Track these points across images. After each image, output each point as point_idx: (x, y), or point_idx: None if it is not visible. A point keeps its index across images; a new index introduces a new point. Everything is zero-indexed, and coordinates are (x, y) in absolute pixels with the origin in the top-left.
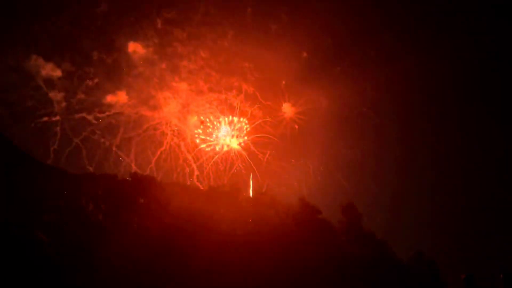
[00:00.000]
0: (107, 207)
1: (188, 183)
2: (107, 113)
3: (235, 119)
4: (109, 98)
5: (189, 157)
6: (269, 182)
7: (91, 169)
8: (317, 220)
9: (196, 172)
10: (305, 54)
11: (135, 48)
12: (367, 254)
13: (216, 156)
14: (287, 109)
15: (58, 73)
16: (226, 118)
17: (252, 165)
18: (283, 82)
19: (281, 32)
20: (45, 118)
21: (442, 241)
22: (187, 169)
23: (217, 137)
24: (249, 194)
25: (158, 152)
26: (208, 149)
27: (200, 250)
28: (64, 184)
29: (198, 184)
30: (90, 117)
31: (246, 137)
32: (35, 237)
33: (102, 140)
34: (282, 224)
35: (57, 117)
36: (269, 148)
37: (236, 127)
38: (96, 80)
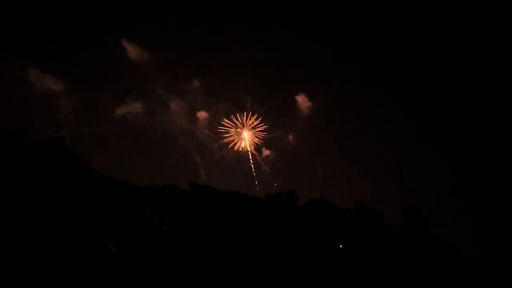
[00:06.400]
0: (171, 218)
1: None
2: (119, 124)
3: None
4: (121, 110)
5: (198, 159)
6: (319, 189)
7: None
8: (380, 226)
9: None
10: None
11: (133, 50)
12: (435, 258)
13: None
14: (304, 104)
15: (59, 85)
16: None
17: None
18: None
19: None
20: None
21: None
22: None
23: (236, 133)
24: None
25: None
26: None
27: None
28: (130, 196)
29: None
30: (100, 130)
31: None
32: (105, 248)
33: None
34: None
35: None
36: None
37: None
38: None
